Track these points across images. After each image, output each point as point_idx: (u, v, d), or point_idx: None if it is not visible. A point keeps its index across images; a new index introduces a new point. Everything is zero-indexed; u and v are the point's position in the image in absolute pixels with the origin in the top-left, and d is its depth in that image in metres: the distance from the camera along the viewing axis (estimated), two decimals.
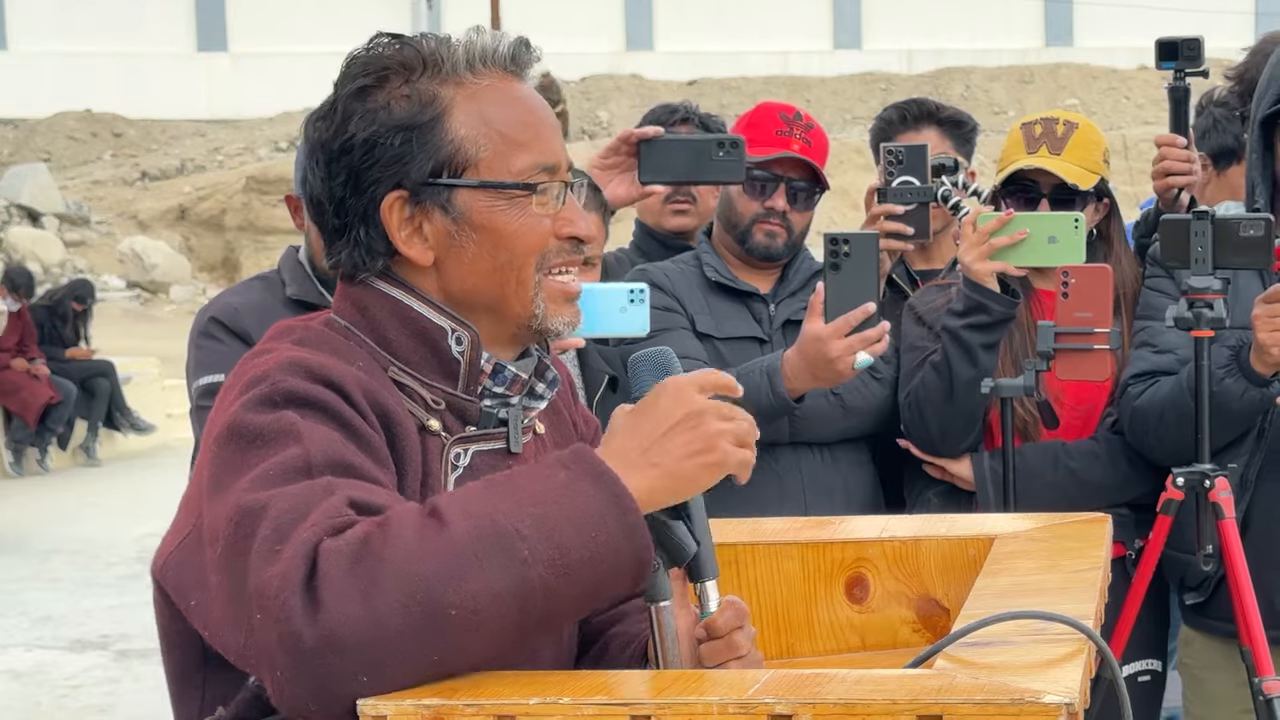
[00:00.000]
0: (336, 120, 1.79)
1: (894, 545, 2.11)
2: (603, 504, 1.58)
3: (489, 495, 1.59)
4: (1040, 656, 1.60)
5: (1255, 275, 3.28)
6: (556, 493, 1.58)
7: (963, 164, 3.78)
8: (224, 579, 1.59)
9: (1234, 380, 3.19)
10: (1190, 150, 3.57)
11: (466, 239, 1.78)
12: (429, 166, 1.77)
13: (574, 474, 1.60)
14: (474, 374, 1.81)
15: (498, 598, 1.54)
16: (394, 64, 1.79)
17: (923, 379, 3.36)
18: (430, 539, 1.54)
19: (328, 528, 1.55)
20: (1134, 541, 3.39)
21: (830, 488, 3.37)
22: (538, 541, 1.55)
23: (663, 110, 4.04)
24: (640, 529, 1.60)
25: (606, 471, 1.60)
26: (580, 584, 1.58)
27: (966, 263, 3.31)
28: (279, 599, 1.51)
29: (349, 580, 1.51)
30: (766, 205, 3.43)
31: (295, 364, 1.70)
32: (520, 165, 1.79)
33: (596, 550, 1.57)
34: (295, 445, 1.63)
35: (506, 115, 1.79)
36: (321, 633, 1.50)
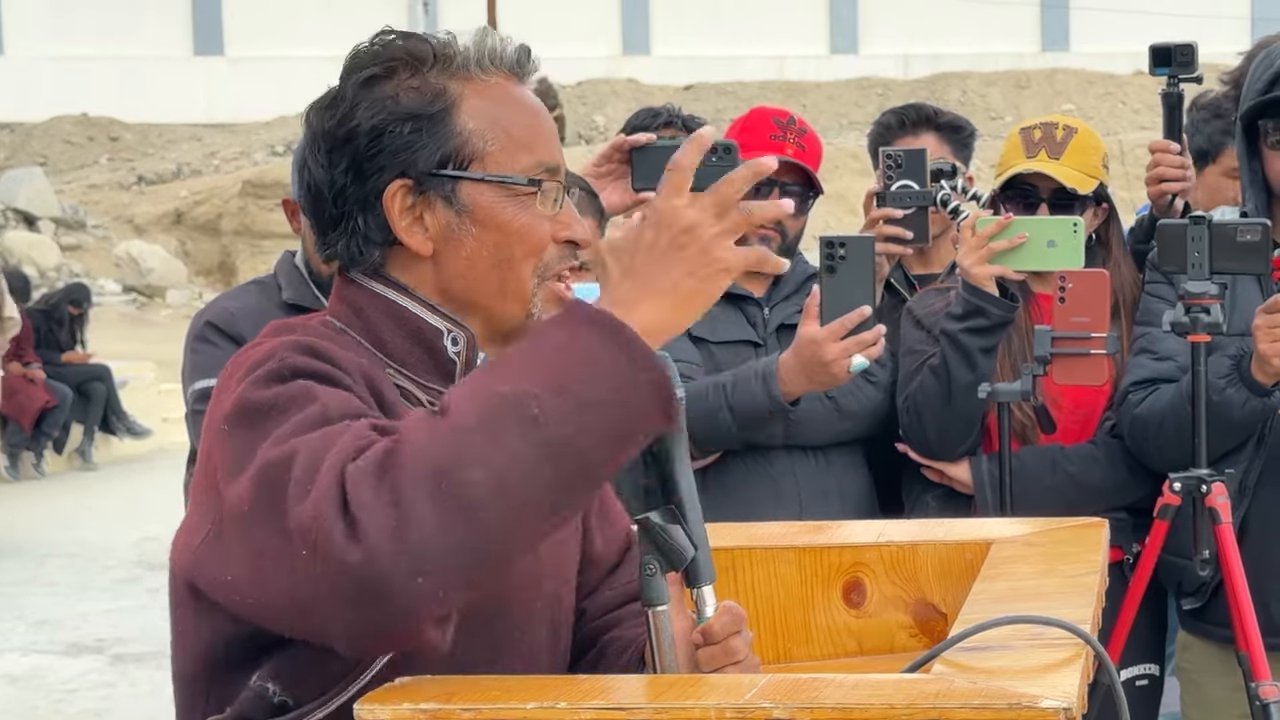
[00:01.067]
0: (342, 109, 1.79)
1: (891, 550, 2.11)
2: (601, 340, 1.56)
3: (490, 372, 1.59)
4: (1038, 661, 1.60)
5: (1254, 282, 3.28)
6: (555, 348, 1.57)
7: (960, 169, 3.78)
8: (258, 537, 1.57)
9: (1235, 390, 3.19)
10: (1184, 156, 3.57)
11: (466, 232, 1.78)
12: (436, 156, 1.77)
13: (569, 327, 1.58)
14: (470, 374, 1.81)
15: (522, 464, 1.52)
16: (403, 56, 1.80)
17: (921, 382, 3.36)
18: (440, 430, 1.54)
19: (350, 452, 1.55)
20: (1131, 545, 3.39)
21: (825, 491, 3.37)
22: (546, 396, 1.53)
23: (646, 114, 4.04)
24: (647, 355, 1.57)
25: (600, 313, 1.58)
26: (602, 427, 1.55)
27: (965, 266, 3.31)
28: (319, 529, 1.51)
29: (376, 494, 1.51)
30: None
31: (298, 344, 1.71)
32: (524, 164, 1.79)
33: (609, 388, 1.55)
34: (311, 404, 1.63)
35: (512, 114, 1.81)
36: (362, 552, 1.49)
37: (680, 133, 3.94)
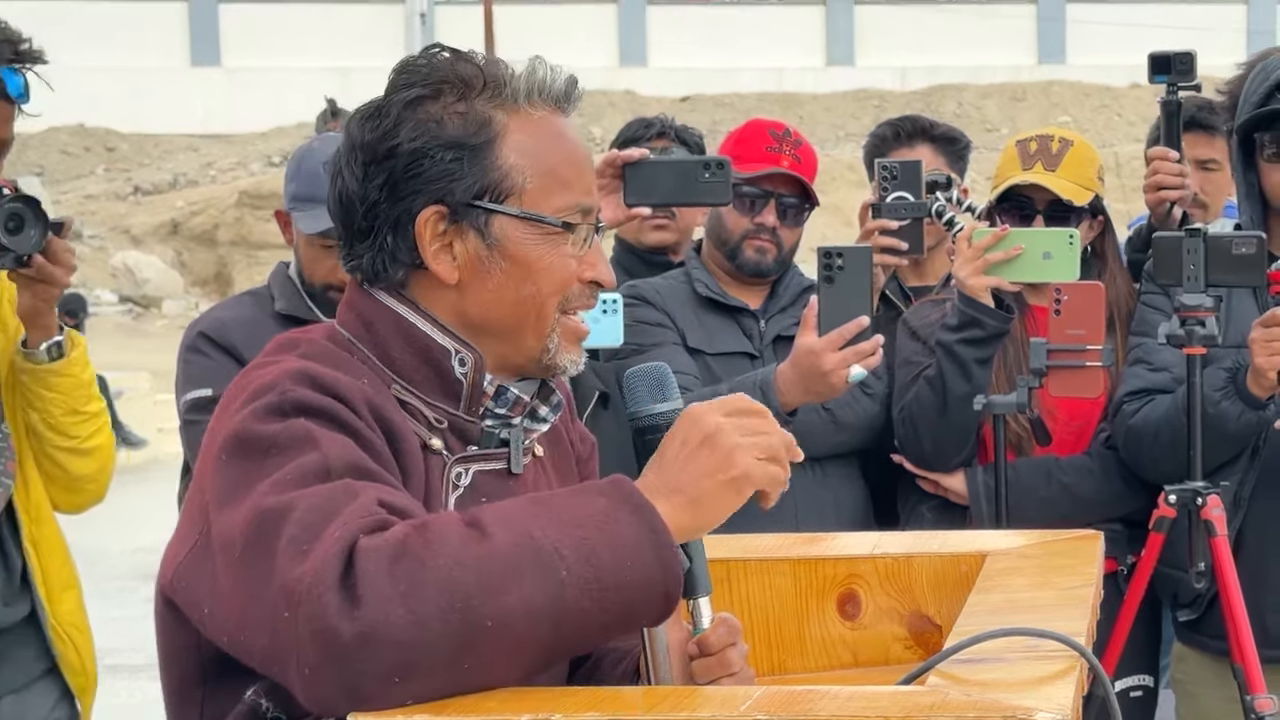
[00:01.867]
0: (386, 124, 1.77)
1: (886, 561, 2.11)
2: (640, 534, 1.58)
3: (529, 512, 1.59)
4: (1033, 673, 1.59)
5: (1249, 294, 3.28)
6: (596, 518, 1.58)
7: (956, 180, 3.78)
8: (243, 582, 1.58)
9: (1230, 403, 3.19)
10: (1182, 164, 3.58)
11: (495, 266, 1.77)
12: (475, 188, 1.77)
13: (612, 501, 1.60)
14: (476, 395, 1.80)
15: (533, 614, 1.54)
16: (452, 78, 1.79)
17: (917, 393, 3.36)
18: (471, 548, 1.54)
19: (363, 525, 1.55)
20: (1126, 557, 3.39)
21: (820, 503, 3.36)
22: (575, 563, 1.56)
23: (638, 125, 4.04)
24: (674, 563, 1.60)
25: (645, 503, 1.60)
26: (611, 610, 1.58)
27: (961, 278, 3.31)
28: (312, 594, 1.51)
29: (389, 580, 1.51)
30: (756, 221, 3.43)
31: (303, 374, 1.69)
32: (560, 203, 1.79)
33: (631, 578, 1.57)
34: (312, 451, 1.62)
35: (555, 151, 1.80)
36: (360, 629, 1.50)
37: (673, 144, 3.94)
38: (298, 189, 3.20)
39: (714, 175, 2.95)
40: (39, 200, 2.62)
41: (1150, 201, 3.62)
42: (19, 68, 2.68)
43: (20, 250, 2.60)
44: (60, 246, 2.66)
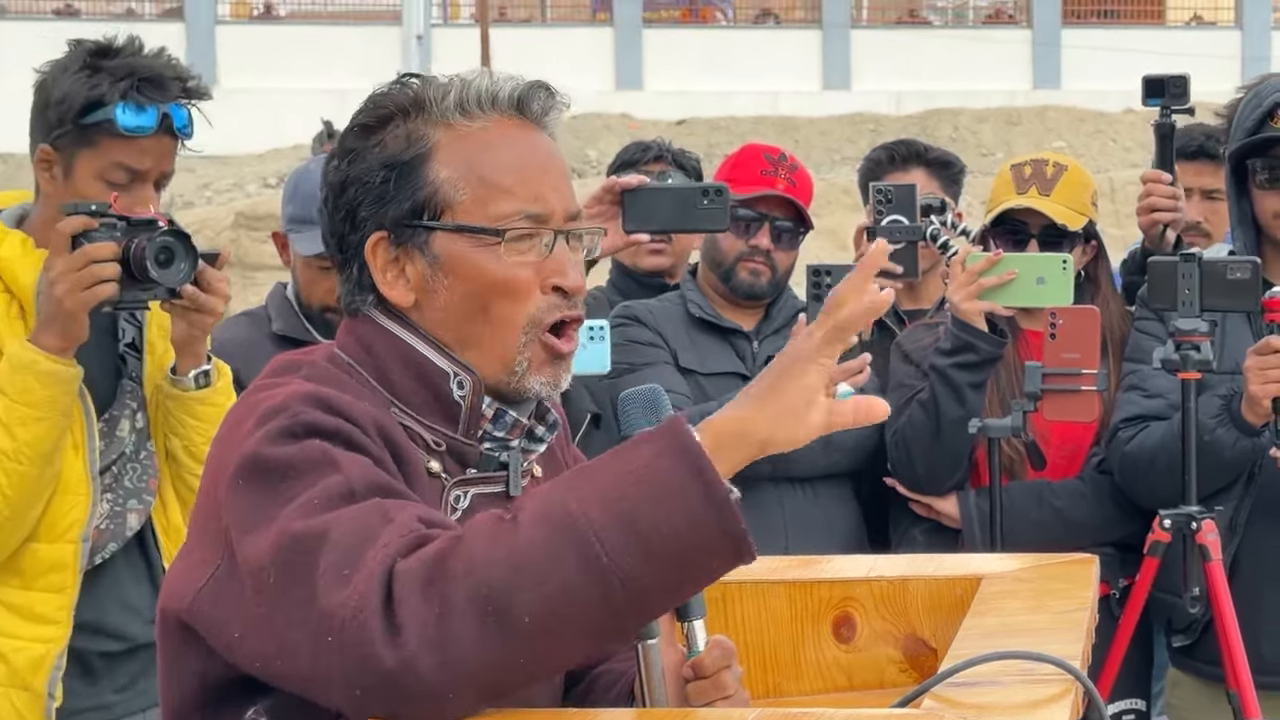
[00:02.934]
0: (339, 159, 1.80)
1: (881, 585, 2.11)
2: (684, 478, 1.52)
3: (569, 485, 1.56)
4: (1027, 697, 1.59)
5: (1244, 321, 3.29)
6: (636, 473, 1.53)
7: (950, 204, 3.79)
8: (279, 608, 1.58)
9: (1226, 430, 3.20)
10: (1176, 187, 3.59)
11: (439, 283, 1.77)
12: (407, 206, 1.77)
13: (657, 448, 1.54)
14: (475, 418, 1.80)
15: (574, 595, 1.51)
16: (395, 104, 1.79)
17: (910, 417, 3.36)
18: (501, 545, 1.53)
19: (400, 547, 1.55)
20: (1118, 581, 3.39)
21: (812, 524, 3.37)
22: (612, 530, 1.51)
23: (635, 148, 4.05)
24: (725, 502, 1.53)
25: (692, 443, 1.54)
26: (664, 568, 1.52)
27: (955, 302, 3.32)
28: (357, 621, 1.51)
29: (423, 603, 1.51)
30: (751, 244, 3.44)
31: (311, 396, 1.69)
32: (501, 211, 1.76)
33: (676, 529, 1.51)
34: (334, 473, 1.62)
35: (493, 160, 1.77)
36: (403, 656, 1.50)
37: (670, 167, 3.94)
38: (295, 211, 3.21)
39: (712, 202, 2.96)
40: (189, 235, 2.68)
41: (1143, 224, 3.63)
42: (185, 103, 2.73)
43: (169, 283, 2.65)
44: (214, 276, 2.71)
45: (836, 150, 23.88)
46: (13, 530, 2.67)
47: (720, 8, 29.04)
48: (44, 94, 2.72)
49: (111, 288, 2.61)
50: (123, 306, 2.68)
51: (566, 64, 22.60)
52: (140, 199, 2.70)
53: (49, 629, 2.71)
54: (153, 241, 2.63)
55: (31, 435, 2.61)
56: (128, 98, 2.65)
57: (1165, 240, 3.57)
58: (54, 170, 2.71)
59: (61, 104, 2.67)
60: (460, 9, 29.27)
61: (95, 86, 2.66)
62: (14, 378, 2.62)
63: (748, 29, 28.42)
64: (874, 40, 27.82)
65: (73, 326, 2.61)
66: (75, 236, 2.61)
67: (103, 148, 2.68)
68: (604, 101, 23.00)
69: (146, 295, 2.67)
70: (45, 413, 2.62)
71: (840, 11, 27.73)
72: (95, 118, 2.66)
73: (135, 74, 2.67)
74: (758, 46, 27.41)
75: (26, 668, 2.70)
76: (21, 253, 2.70)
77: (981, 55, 27.32)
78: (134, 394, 2.82)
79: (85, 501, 2.72)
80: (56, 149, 2.70)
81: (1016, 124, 24.99)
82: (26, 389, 2.61)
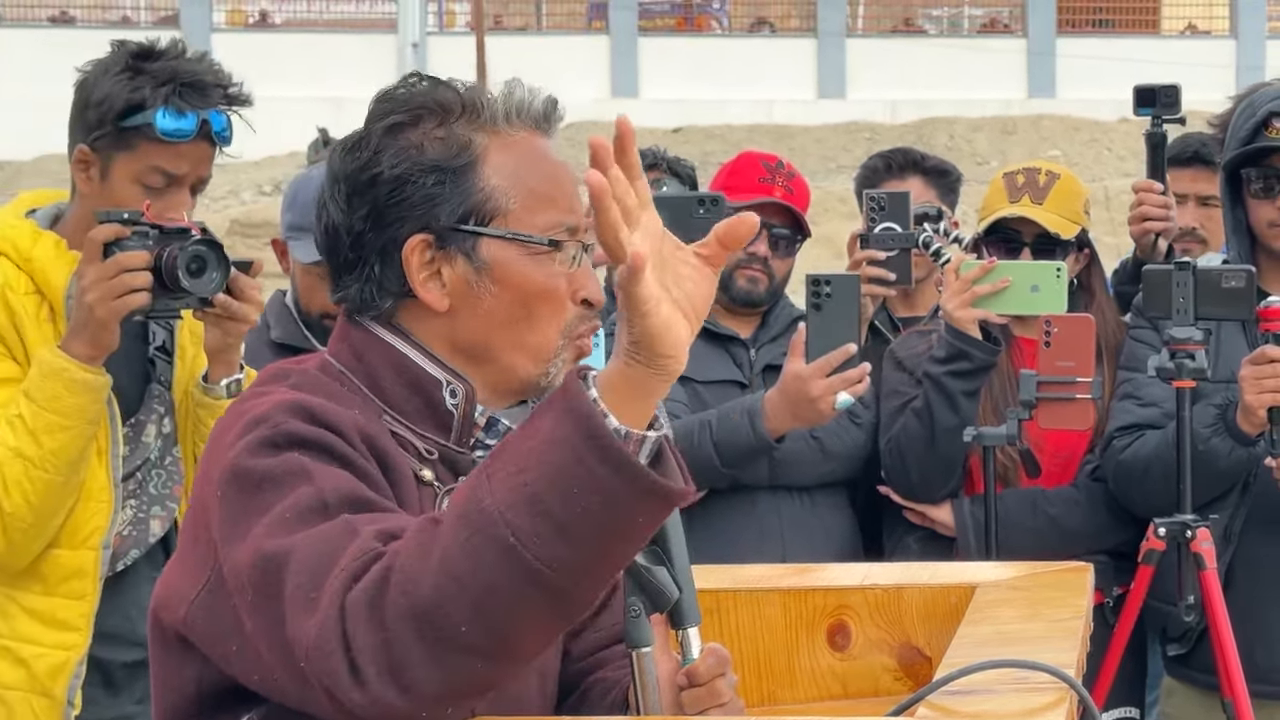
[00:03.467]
0: (366, 153, 1.77)
1: (876, 593, 2.11)
2: (576, 445, 1.47)
3: (485, 475, 1.53)
4: (1022, 705, 1.59)
5: (1238, 330, 3.29)
6: (539, 450, 1.50)
7: (946, 213, 3.80)
8: (261, 626, 1.60)
9: (1220, 440, 3.20)
10: (1167, 196, 3.60)
11: (485, 290, 1.76)
12: (459, 211, 1.76)
13: (555, 418, 1.49)
14: (467, 427, 1.80)
15: (499, 593, 1.49)
16: (430, 104, 1.78)
17: (904, 425, 3.37)
18: (427, 553, 1.52)
19: (353, 572, 1.55)
20: (1113, 589, 3.39)
21: (809, 532, 3.37)
22: (523, 517, 1.48)
23: None
24: (625, 462, 1.46)
25: (580, 402, 1.48)
26: (587, 542, 1.48)
27: (949, 310, 3.32)
28: (321, 656, 1.53)
29: (369, 634, 1.52)
30: (748, 251, 3.44)
31: (295, 406, 1.69)
32: (545, 222, 1.78)
33: (587, 506, 1.47)
34: (307, 484, 1.62)
35: (536, 170, 1.79)
36: (369, 695, 1.52)
37: (665, 175, 3.95)
38: (294, 218, 3.21)
39: (708, 211, 2.97)
40: (221, 244, 2.68)
41: (1135, 233, 3.64)
42: (225, 110, 2.72)
43: (200, 293, 2.65)
44: (247, 284, 2.71)
45: (832, 158, 23.89)
46: (35, 537, 2.67)
47: (715, 16, 29.06)
48: (84, 94, 2.71)
49: (143, 297, 2.61)
50: (154, 316, 2.69)
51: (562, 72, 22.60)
52: (176, 203, 2.70)
53: (70, 635, 2.71)
54: (184, 251, 2.63)
55: (58, 443, 2.61)
56: (169, 102, 2.65)
57: (1157, 250, 3.58)
58: (91, 171, 2.71)
59: (101, 105, 2.67)
60: (456, 17, 29.28)
61: (137, 89, 2.65)
62: (43, 384, 2.61)
63: (743, 37, 28.44)
64: (869, 49, 27.85)
65: (103, 335, 2.61)
66: (108, 245, 2.61)
67: (141, 151, 2.67)
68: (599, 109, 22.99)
69: (178, 304, 2.67)
70: (72, 421, 2.62)
71: (835, 20, 27.76)
72: (135, 121, 2.66)
73: (177, 78, 2.66)
74: (753, 55, 27.43)
75: (47, 674, 2.70)
76: (55, 255, 2.70)
77: (976, 64, 27.35)
78: (162, 399, 2.82)
79: (107, 508, 2.72)
80: (94, 150, 2.69)
81: (1011, 133, 25.01)
82: (55, 396, 2.61)
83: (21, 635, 2.71)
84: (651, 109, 25.57)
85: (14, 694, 2.70)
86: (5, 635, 2.71)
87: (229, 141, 2.75)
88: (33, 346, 2.66)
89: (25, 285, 2.69)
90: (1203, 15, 29.35)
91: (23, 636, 2.71)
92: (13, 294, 2.67)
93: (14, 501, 2.62)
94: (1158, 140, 3.60)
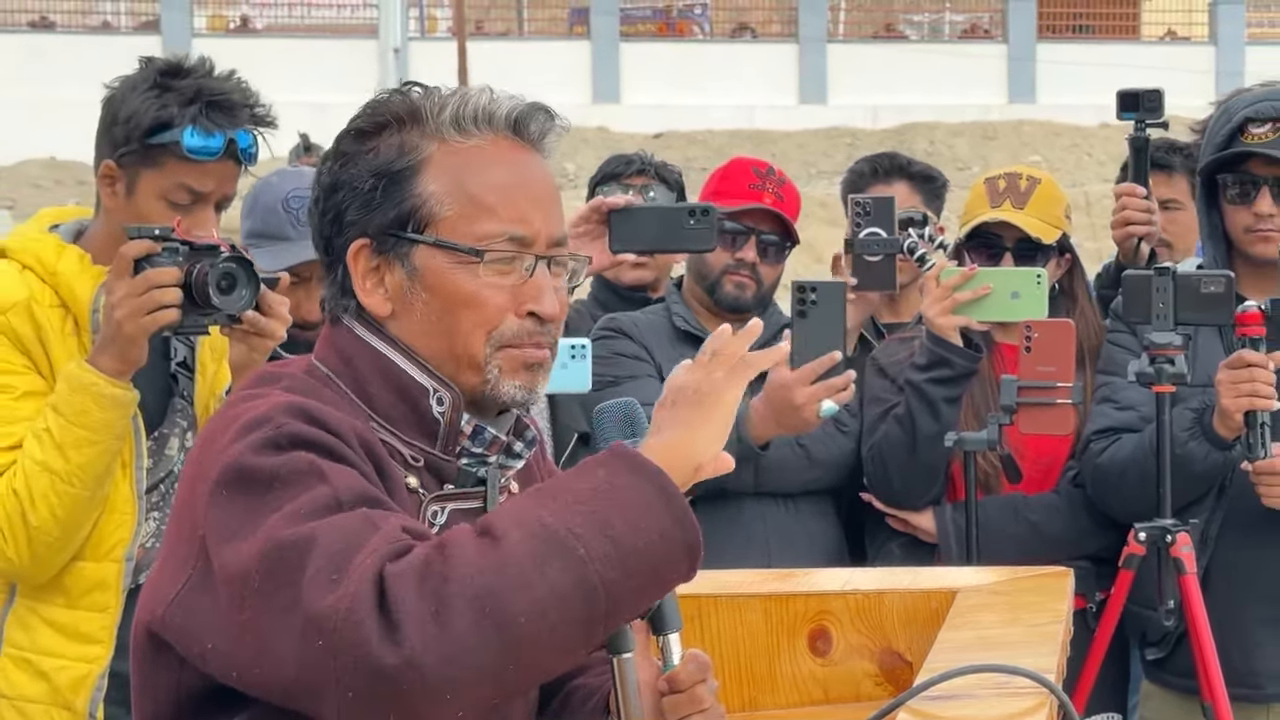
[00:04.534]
0: (331, 161, 1.81)
1: (857, 598, 2.11)
2: (649, 494, 1.61)
3: (536, 502, 1.62)
4: (1003, 710, 1.60)
5: (1215, 335, 3.30)
6: (602, 490, 1.60)
7: (931, 218, 3.80)
8: (261, 614, 1.58)
9: (1197, 444, 3.20)
10: (1150, 200, 3.61)
11: (416, 296, 1.77)
12: (391, 216, 1.77)
13: (613, 470, 1.62)
14: (453, 434, 1.80)
15: (563, 599, 1.56)
16: (393, 112, 1.80)
17: (886, 432, 3.37)
18: (488, 553, 1.56)
19: (388, 553, 1.56)
20: (1094, 594, 3.39)
21: (794, 539, 3.37)
22: (591, 538, 1.57)
23: (618, 161, 4.05)
24: (687, 513, 1.62)
25: (646, 463, 1.62)
26: (637, 575, 1.59)
27: (930, 317, 3.32)
28: (351, 622, 1.52)
29: (420, 602, 1.53)
30: (737, 257, 3.44)
31: (293, 408, 1.69)
32: (484, 231, 1.77)
33: (649, 540, 1.59)
34: (320, 483, 1.63)
35: (483, 178, 1.77)
36: (404, 655, 1.52)
37: (652, 180, 3.94)
38: (253, 225, 3.19)
39: (699, 222, 2.98)
40: (251, 262, 2.68)
41: (1117, 237, 3.64)
42: (252, 129, 2.73)
43: (230, 310, 2.65)
44: (274, 300, 2.71)
45: (813, 164, 23.91)
46: (61, 550, 2.66)
47: (697, 21, 29.09)
48: (111, 110, 2.72)
49: (173, 313, 2.60)
50: (183, 332, 2.68)
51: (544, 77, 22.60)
52: (201, 220, 2.71)
53: (92, 648, 2.71)
54: (215, 268, 2.63)
55: (85, 458, 2.61)
56: (196, 121, 2.65)
57: (1140, 254, 3.59)
58: (116, 187, 2.71)
59: (128, 122, 2.67)
60: (438, 22, 29.27)
61: (164, 107, 2.66)
62: (71, 399, 2.61)
63: (724, 43, 28.47)
64: (850, 54, 27.90)
65: (132, 350, 2.61)
66: (138, 261, 2.61)
67: (167, 169, 2.68)
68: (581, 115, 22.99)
69: (207, 321, 2.67)
70: (100, 436, 2.62)
71: (816, 26, 27.80)
72: (162, 139, 2.66)
73: (204, 96, 2.67)
74: (734, 60, 27.46)
75: (68, 687, 2.69)
76: (79, 269, 2.71)
77: (957, 70, 27.41)
78: (184, 413, 2.82)
79: (130, 520, 2.72)
80: (120, 166, 2.70)
81: (992, 138, 25.07)
82: (84, 411, 2.61)
83: (43, 648, 2.70)
84: (633, 114, 25.58)
85: (35, 707, 2.69)
86: (27, 648, 2.71)
87: (254, 160, 2.76)
88: (58, 360, 2.66)
89: (50, 299, 2.69)
90: (1182, 21, 29.45)
91: (44, 649, 2.70)
92: (38, 307, 2.68)
93: (40, 515, 2.62)
94: (1141, 144, 3.61)
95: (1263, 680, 3.25)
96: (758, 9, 29.63)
